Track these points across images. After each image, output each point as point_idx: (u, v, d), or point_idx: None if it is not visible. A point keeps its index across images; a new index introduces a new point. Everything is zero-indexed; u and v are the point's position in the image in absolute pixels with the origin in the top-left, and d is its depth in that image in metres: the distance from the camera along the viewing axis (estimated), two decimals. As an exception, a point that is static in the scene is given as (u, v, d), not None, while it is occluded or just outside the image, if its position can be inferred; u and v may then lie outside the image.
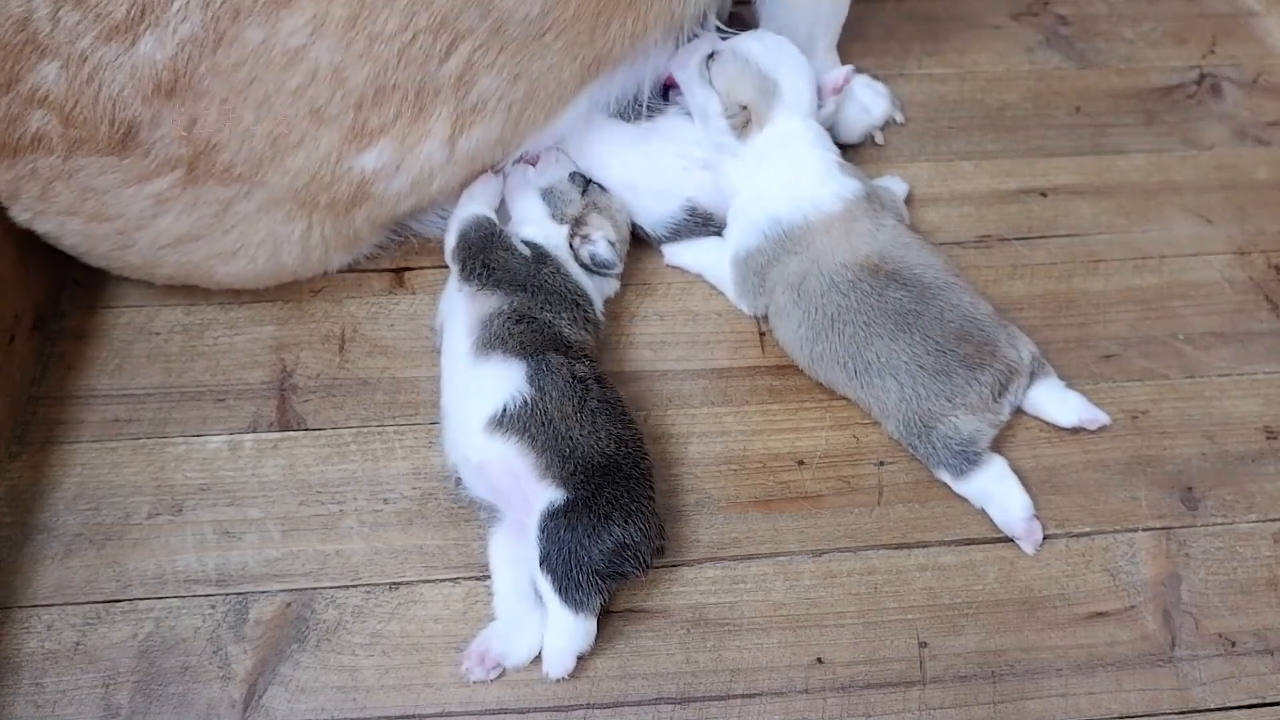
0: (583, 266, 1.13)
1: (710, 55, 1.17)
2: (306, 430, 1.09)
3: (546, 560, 0.92)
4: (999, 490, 1.03)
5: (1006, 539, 1.03)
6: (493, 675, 0.94)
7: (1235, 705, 0.95)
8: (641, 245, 1.23)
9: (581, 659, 0.94)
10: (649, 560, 0.95)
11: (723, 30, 1.22)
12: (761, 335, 1.17)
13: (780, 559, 1.02)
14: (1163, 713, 0.94)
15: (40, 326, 1.14)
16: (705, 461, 1.08)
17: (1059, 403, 1.08)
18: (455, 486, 1.02)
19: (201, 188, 1.03)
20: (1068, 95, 1.43)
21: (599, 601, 0.93)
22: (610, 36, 1.09)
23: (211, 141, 1.00)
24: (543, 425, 0.96)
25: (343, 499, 1.05)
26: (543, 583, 0.93)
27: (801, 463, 1.08)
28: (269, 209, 1.07)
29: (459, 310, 1.07)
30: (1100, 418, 1.09)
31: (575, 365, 1.01)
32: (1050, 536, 1.03)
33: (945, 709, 0.94)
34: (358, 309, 1.19)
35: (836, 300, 1.06)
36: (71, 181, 1.02)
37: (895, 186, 1.25)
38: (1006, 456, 1.05)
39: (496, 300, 1.05)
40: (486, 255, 1.08)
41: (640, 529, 0.94)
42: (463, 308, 1.07)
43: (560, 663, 0.93)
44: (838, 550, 1.03)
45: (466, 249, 1.10)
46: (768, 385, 1.14)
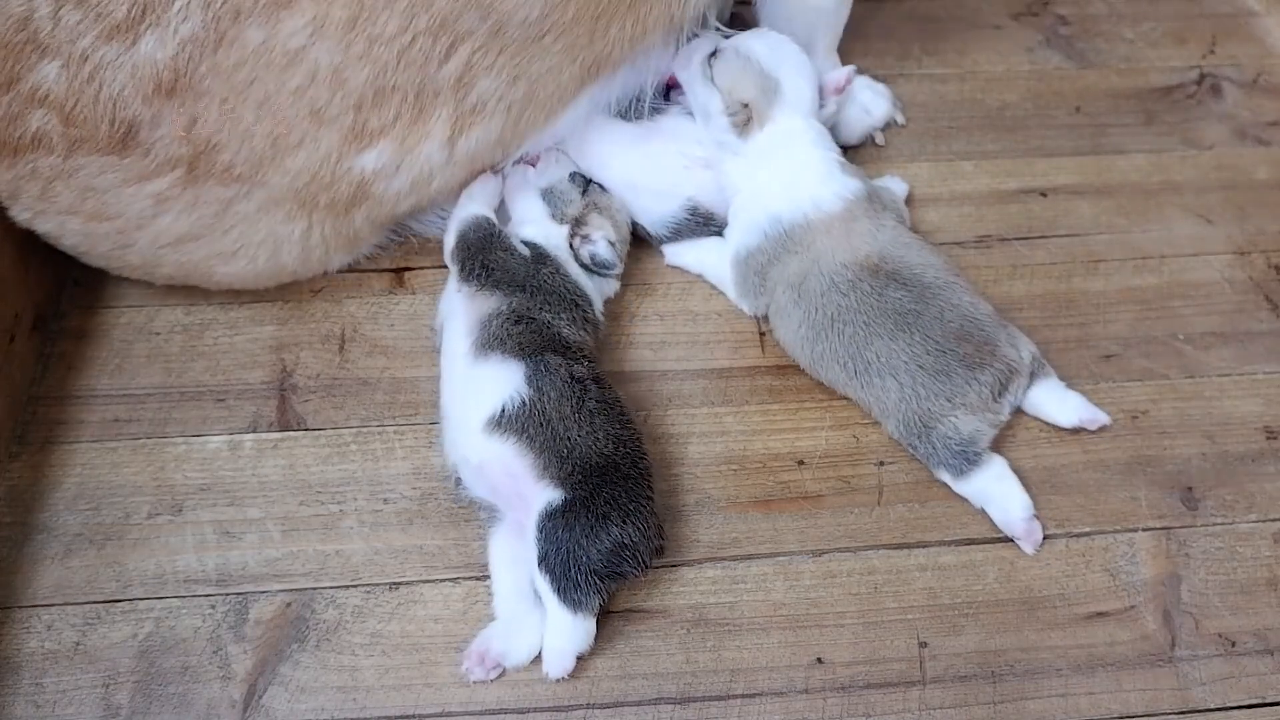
0: (583, 267, 1.13)
1: (713, 53, 1.17)
2: (306, 430, 1.09)
3: (545, 560, 0.93)
4: (999, 490, 1.03)
5: (1006, 539, 1.03)
6: (493, 675, 0.94)
7: (1235, 705, 0.95)
8: (641, 245, 1.23)
9: (581, 659, 0.94)
10: (648, 560, 0.95)
11: (723, 31, 1.22)
12: (761, 335, 1.17)
13: (780, 559, 1.02)
14: (1163, 713, 0.94)
15: (40, 326, 1.14)
16: (705, 461, 1.08)
17: (1059, 403, 1.08)
18: (455, 486, 1.02)
19: (201, 187, 1.03)
20: (1068, 95, 1.43)
21: (598, 601, 0.93)
22: (610, 39, 1.09)
23: (212, 141, 1.00)
24: (541, 426, 0.96)
25: (343, 499, 1.05)
26: (541, 583, 0.93)
27: (801, 463, 1.08)
28: (269, 209, 1.07)
29: (458, 310, 1.07)
30: (1100, 418, 1.09)
31: (574, 366, 1.01)
32: (1050, 536, 1.03)
33: (945, 709, 0.94)
34: (358, 309, 1.19)
35: (837, 300, 1.06)
36: (72, 181, 1.02)
37: (895, 186, 1.25)
38: (1006, 456, 1.05)
39: (496, 301, 1.05)
40: (485, 256, 1.08)
41: (638, 529, 0.94)
42: (462, 308, 1.07)
43: (560, 663, 0.93)
44: (838, 550, 1.03)
45: (466, 249, 1.10)
46: (768, 385, 1.14)
